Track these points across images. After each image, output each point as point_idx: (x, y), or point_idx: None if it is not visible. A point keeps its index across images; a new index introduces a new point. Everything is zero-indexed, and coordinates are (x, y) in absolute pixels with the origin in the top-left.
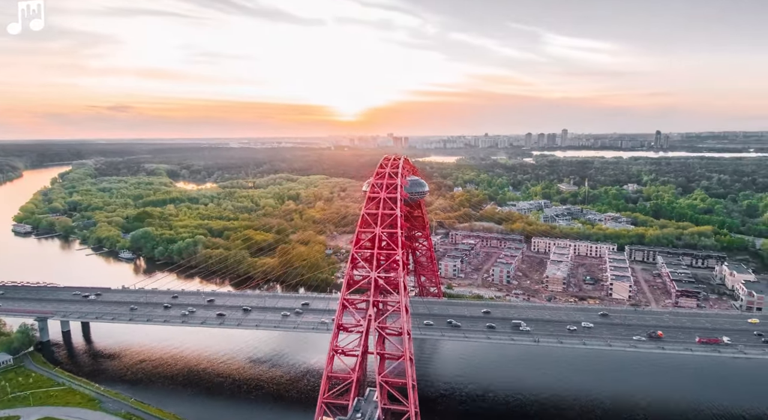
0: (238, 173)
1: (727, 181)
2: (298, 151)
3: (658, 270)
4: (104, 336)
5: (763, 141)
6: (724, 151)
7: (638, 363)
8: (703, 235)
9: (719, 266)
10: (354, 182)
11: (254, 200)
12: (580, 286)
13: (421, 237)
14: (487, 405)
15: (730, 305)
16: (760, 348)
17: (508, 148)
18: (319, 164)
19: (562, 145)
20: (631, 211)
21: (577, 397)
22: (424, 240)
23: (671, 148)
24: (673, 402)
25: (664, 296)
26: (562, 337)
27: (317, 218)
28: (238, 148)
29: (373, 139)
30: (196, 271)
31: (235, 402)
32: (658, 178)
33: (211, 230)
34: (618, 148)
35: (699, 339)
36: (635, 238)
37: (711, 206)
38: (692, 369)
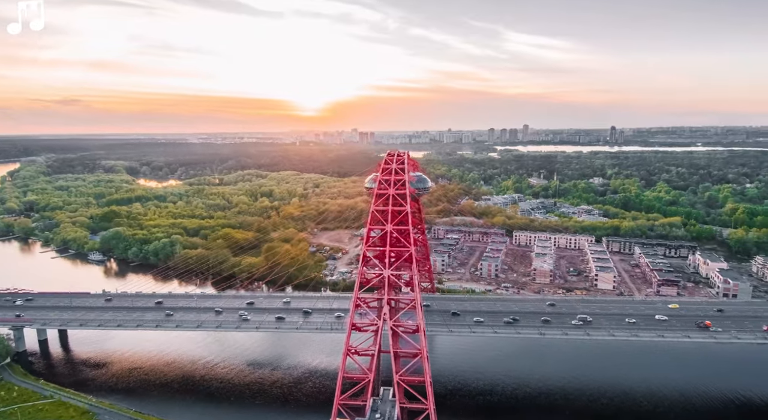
0: (203, 170)
1: (685, 174)
2: (263, 146)
3: (636, 260)
4: (83, 344)
5: (708, 136)
6: (674, 145)
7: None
8: (674, 225)
9: (692, 255)
10: (327, 178)
11: (226, 197)
12: (565, 277)
13: (417, 233)
14: (495, 399)
15: (707, 293)
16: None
17: (472, 143)
18: (287, 160)
19: (524, 140)
20: (600, 203)
21: (584, 386)
22: (419, 235)
23: (625, 143)
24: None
25: (645, 285)
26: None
27: (295, 215)
28: (198, 143)
29: (338, 134)
30: (176, 272)
31: (241, 407)
32: (621, 172)
33: (186, 229)
34: (576, 142)
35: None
36: (611, 229)
37: (675, 198)
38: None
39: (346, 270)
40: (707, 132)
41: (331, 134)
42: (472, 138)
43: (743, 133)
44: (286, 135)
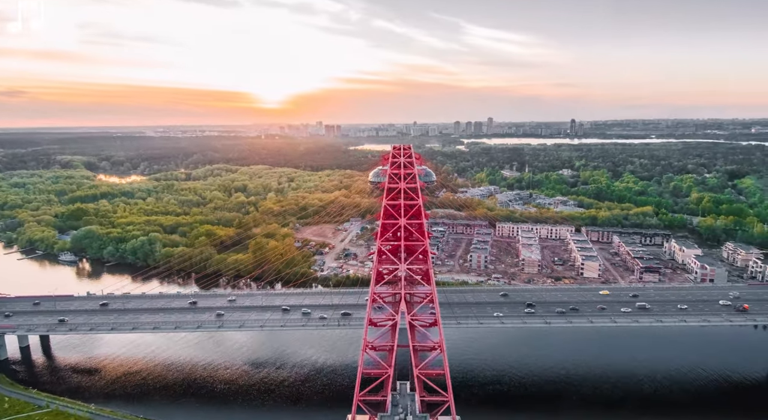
0: (168, 164)
1: (648, 165)
2: (226, 140)
3: (615, 249)
4: (68, 350)
5: (660, 128)
6: (629, 138)
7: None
8: (646, 214)
9: (668, 243)
10: (301, 172)
11: (198, 193)
12: (551, 267)
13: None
14: (505, 388)
15: (685, 278)
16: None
17: (439, 136)
18: (255, 154)
19: (488, 133)
20: (573, 194)
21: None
22: None
23: (585, 136)
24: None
25: (627, 273)
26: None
27: (275, 210)
28: (157, 137)
29: (303, 127)
30: (158, 271)
31: (251, 409)
32: (588, 164)
33: (163, 227)
34: (539, 135)
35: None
36: (589, 219)
37: (643, 188)
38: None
39: (335, 265)
40: (659, 125)
41: (297, 127)
42: (439, 131)
43: (692, 125)
44: (249, 128)
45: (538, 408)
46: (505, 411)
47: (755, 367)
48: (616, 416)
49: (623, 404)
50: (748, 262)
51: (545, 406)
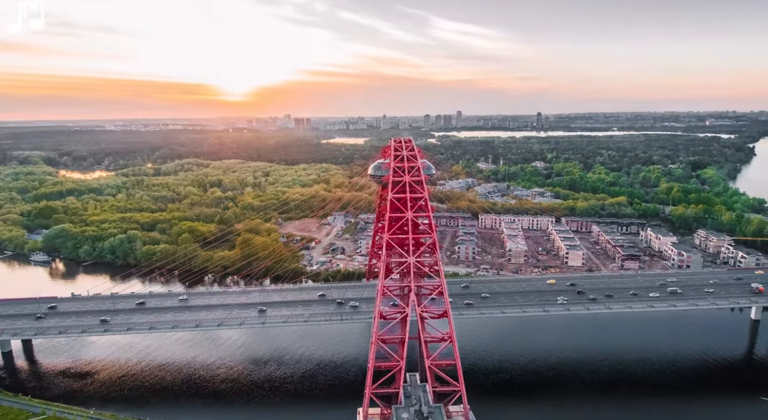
0: (134, 159)
1: (616, 156)
2: (192, 133)
3: (595, 238)
4: (53, 354)
5: (621, 121)
6: (593, 130)
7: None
8: (621, 204)
9: (643, 231)
10: (276, 166)
11: (172, 189)
12: (536, 257)
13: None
14: (508, 376)
15: (663, 265)
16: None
17: (409, 129)
18: (226, 148)
19: (458, 126)
20: (548, 186)
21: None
22: None
23: (551, 128)
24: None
25: (608, 261)
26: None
27: (255, 205)
28: (119, 131)
29: (272, 120)
30: (140, 270)
31: (257, 407)
32: (560, 156)
33: (140, 224)
34: (506, 128)
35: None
36: (567, 210)
37: (615, 179)
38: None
39: (324, 259)
40: (619, 117)
41: (265, 121)
42: (409, 124)
43: (651, 118)
44: (215, 121)
45: (542, 394)
46: (510, 398)
47: (737, 347)
48: (614, 398)
49: (619, 386)
50: (720, 248)
51: (548, 392)
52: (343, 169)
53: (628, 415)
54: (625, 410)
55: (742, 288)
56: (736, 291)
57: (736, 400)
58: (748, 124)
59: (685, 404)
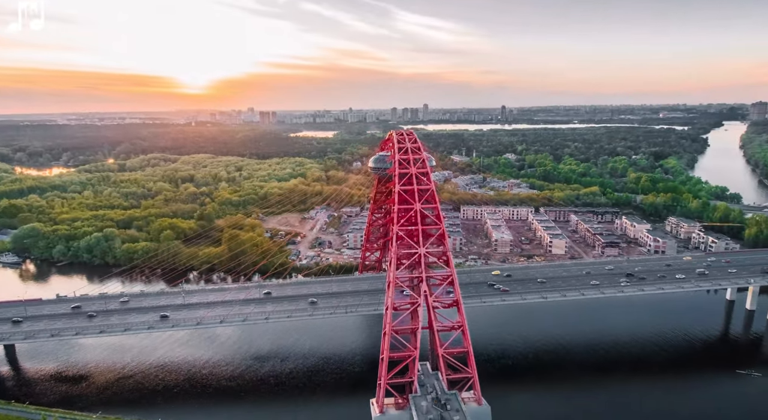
0: (94, 155)
1: (582, 148)
2: (153, 128)
3: (573, 226)
4: (37, 358)
5: (580, 114)
6: (555, 123)
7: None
8: (595, 194)
9: (618, 220)
10: (248, 161)
11: (141, 185)
12: (520, 246)
13: None
14: (510, 362)
15: (640, 251)
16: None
17: (377, 122)
18: (191, 142)
19: (425, 119)
20: (522, 177)
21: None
22: None
23: (515, 121)
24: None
25: (588, 248)
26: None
27: (234, 200)
28: (73, 125)
29: (236, 114)
30: (121, 269)
31: (267, 403)
32: (529, 148)
33: (115, 222)
34: (472, 121)
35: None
36: (545, 200)
37: (585, 170)
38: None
39: (312, 253)
40: (579, 110)
41: (228, 114)
42: (376, 117)
43: (608, 111)
44: (174, 115)
45: (544, 377)
46: (514, 383)
47: (714, 326)
48: (611, 378)
49: (616, 367)
50: (691, 234)
51: (549, 375)
52: (317, 163)
53: (623, 392)
54: (621, 388)
55: (723, 271)
56: (719, 274)
57: (715, 374)
58: (698, 117)
59: (672, 379)
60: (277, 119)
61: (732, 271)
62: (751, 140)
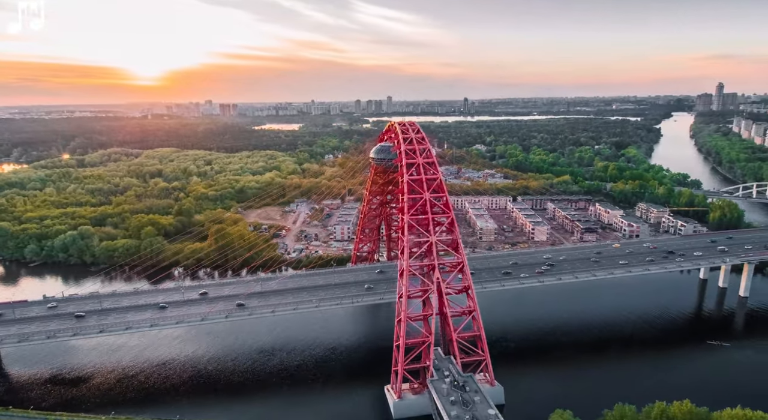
0: (48, 150)
1: (548, 138)
2: (106, 121)
3: (550, 214)
4: (25, 362)
5: (538, 106)
6: (515, 115)
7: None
8: (567, 183)
9: (592, 206)
10: (217, 154)
11: (107, 180)
12: (503, 234)
13: (397, 202)
14: (512, 345)
15: (614, 236)
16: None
17: (341, 114)
18: (151, 136)
19: (389, 111)
20: (494, 167)
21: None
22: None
23: (477, 113)
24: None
25: (567, 234)
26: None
27: (210, 195)
28: (18, 119)
29: (194, 106)
30: (98, 268)
31: (280, 395)
32: (498, 139)
33: (87, 219)
34: (435, 113)
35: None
36: (522, 189)
37: (555, 160)
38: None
39: (300, 246)
40: (536, 102)
41: (186, 107)
42: (340, 109)
43: (564, 103)
44: (127, 107)
45: (545, 357)
46: (517, 364)
47: (689, 302)
48: (606, 356)
49: (609, 345)
50: (661, 218)
51: (549, 355)
52: (290, 156)
53: (617, 368)
54: (615, 364)
55: (712, 252)
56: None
57: (689, 345)
58: (648, 108)
59: (657, 353)
60: (239, 112)
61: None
62: (700, 130)
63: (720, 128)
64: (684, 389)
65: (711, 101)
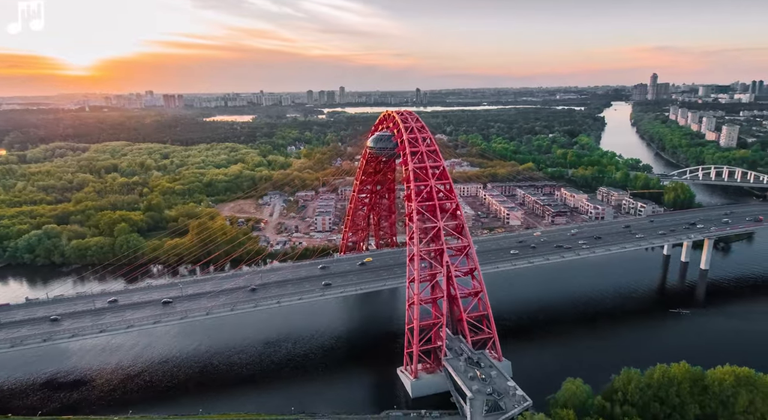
0: None
1: (505, 127)
2: (40, 114)
3: (520, 199)
4: (12, 368)
5: (487, 96)
6: (466, 105)
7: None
8: (532, 169)
9: (558, 191)
10: (173, 147)
11: (59, 177)
12: (479, 220)
13: (385, 191)
14: (511, 324)
15: (581, 218)
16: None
17: (293, 105)
18: (96, 130)
19: (342, 102)
20: (459, 156)
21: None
22: (390, 193)
23: (429, 104)
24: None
25: (538, 219)
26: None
27: (177, 189)
28: None
29: (136, 98)
30: (69, 268)
31: (293, 384)
32: (458, 129)
33: (49, 218)
34: (388, 104)
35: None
36: (490, 177)
37: (516, 148)
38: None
39: (283, 239)
40: (485, 93)
41: (127, 98)
42: (291, 100)
43: (511, 94)
44: (57, 99)
45: (542, 333)
46: (518, 341)
47: (654, 276)
48: (596, 327)
49: (596, 318)
50: (621, 201)
51: (546, 331)
52: (252, 149)
53: (605, 337)
54: (603, 334)
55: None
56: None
57: (656, 314)
58: (589, 98)
59: (627, 321)
60: (185, 103)
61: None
62: (640, 118)
63: (658, 116)
64: (669, 352)
65: (646, 91)
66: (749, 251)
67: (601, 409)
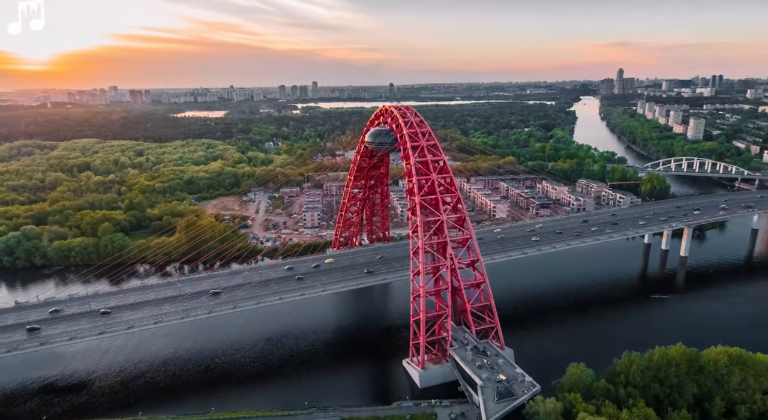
0: None
1: (482, 122)
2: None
3: (503, 193)
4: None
5: (459, 91)
6: (439, 100)
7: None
8: (512, 163)
9: (539, 184)
10: (146, 144)
11: (29, 176)
12: None
13: (378, 186)
14: (508, 313)
15: (564, 210)
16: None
17: (265, 100)
18: (62, 127)
19: (315, 97)
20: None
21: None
22: (383, 187)
23: (402, 99)
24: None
25: (522, 211)
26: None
27: (157, 187)
28: None
29: (101, 94)
30: (52, 270)
31: (300, 380)
32: (435, 124)
33: (25, 218)
34: (362, 98)
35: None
36: (473, 170)
37: (495, 142)
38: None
39: (272, 235)
40: (457, 88)
41: (91, 93)
42: (263, 95)
43: (483, 89)
44: (14, 95)
45: (537, 321)
46: (516, 329)
47: (636, 264)
48: (587, 314)
49: (587, 305)
50: (600, 193)
51: (541, 319)
52: (229, 144)
53: (598, 323)
54: (595, 321)
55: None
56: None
57: (637, 299)
58: (559, 93)
59: (615, 308)
60: (152, 98)
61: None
62: (610, 112)
63: (626, 110)
64: (660, 336)
65: (613, 86)
66: (722, 239)
67: (606, 391)
